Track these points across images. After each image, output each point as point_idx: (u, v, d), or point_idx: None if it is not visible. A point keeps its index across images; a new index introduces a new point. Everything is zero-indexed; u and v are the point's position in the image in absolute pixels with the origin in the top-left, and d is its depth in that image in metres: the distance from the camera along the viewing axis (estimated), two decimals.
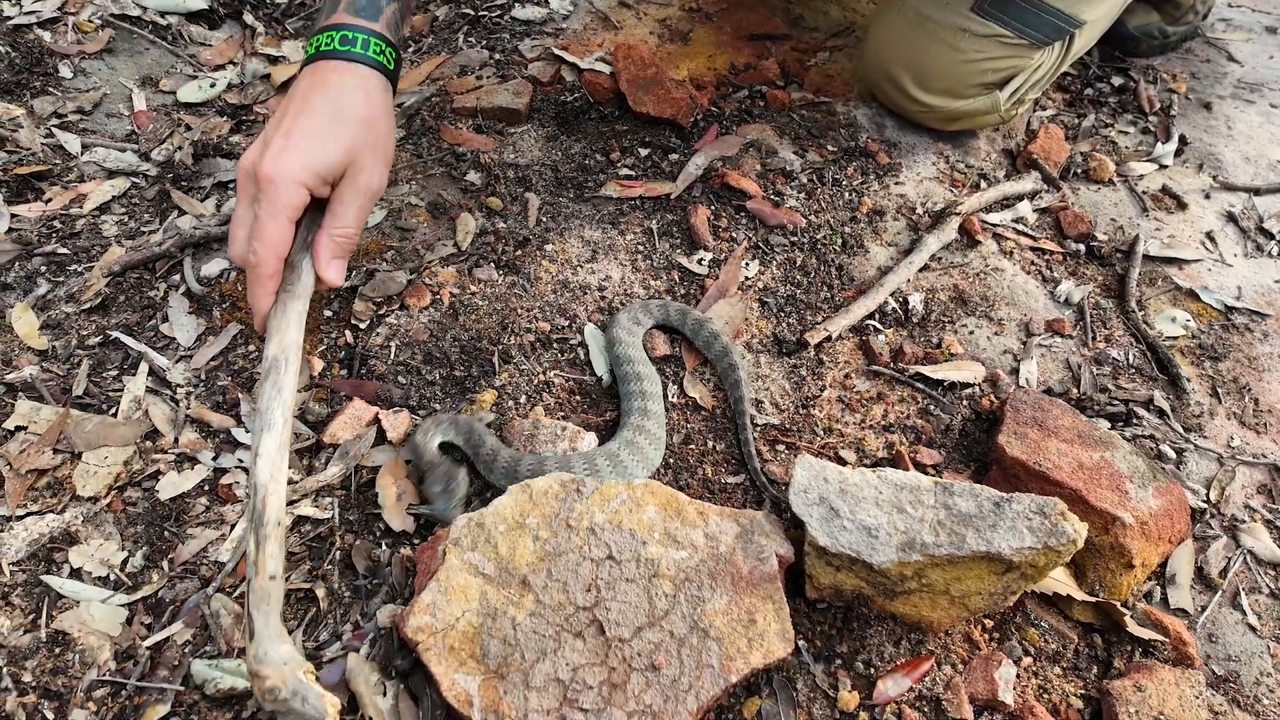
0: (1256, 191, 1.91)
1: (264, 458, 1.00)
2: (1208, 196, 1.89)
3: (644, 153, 1.79)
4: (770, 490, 1.31)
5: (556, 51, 1.98)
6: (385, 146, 1.15)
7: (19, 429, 1.27)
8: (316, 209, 1.12)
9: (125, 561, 1.17)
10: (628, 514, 1.15)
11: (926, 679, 1.14)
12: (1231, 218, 1.85)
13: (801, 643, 1.16)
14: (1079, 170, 1.90)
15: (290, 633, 1.12)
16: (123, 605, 1.13)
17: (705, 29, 2.10)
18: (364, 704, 1.06)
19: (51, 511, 1.21)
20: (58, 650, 1.09)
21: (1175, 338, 1.60)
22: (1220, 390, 1.53)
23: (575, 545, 1.13)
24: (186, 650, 1.11)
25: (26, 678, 1.07)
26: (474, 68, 1.96)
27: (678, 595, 1.11)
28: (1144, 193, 1.87)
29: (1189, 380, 1.52)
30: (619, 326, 1.43)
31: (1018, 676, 1.15)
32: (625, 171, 1.75)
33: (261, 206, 1.04)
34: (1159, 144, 1.99)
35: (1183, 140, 2.01)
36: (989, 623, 1.21)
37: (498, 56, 1.99)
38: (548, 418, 1.35)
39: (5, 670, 1.07)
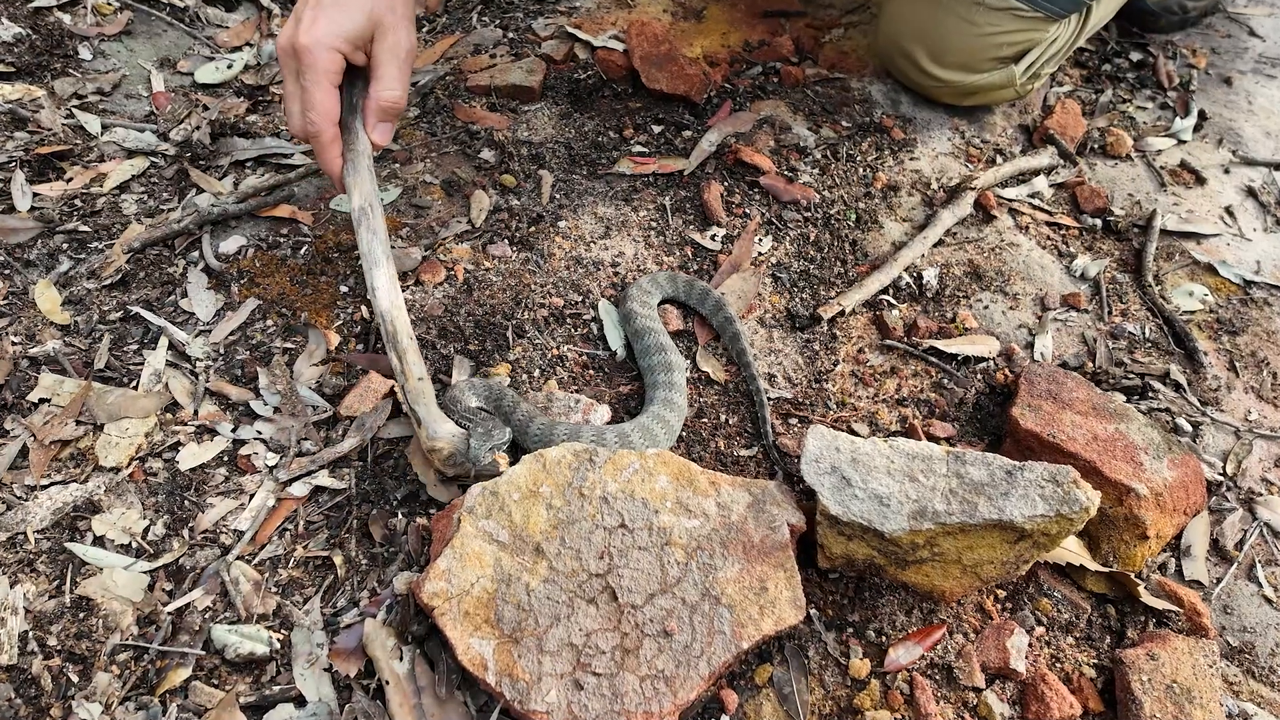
0: (1277, 166, 1.89)
1: (381, 290, 1.17)
2: (1227, 171, 1.87)
3: (657, 129, 1.79)
4: (775, 453, 1.31)
5: (570, 29, 1.98)
6: (404, 6, 1.24)
7: (43, 401, 1.29)
8: (363, 79, 1.23)
9: (147, 530, 1.19)
10: (640, 483, 1.16)
11: (938, 647, 1.14)
12: (1251, 192, 1.83)
13: (813, 611, 1.17)
14: (1096, 145, 1.89)
15: (307, 600, 1.14)
16: (144, 572, 1.15)
17: (719, 6, 2.09)
18: (381, 668, 1.07)
19: (75, 481, 1.23)
20: (82, 615, 1.12)
21: (1192, 312, 1.59)
22: (1238, 364, 1.51)
23: (588, 514, 1.14)
24: (207, 616, 1.13)
25: (52, 642, 1.09)
26: (488, 46, 1.96)
27: (689, 563, 1.11)
28: (1162, 168, 1.86)
29: (1206, 354, 1.51)
30: (634, 300, 1.43)
31: (1030, 645, 1.15)
32: (638, 148, 1.75)
33: (305, 76, 1.17)
34: (1177, 119, 1.97)
35: (1202, 115, 1.98)
36: (1001, 593, 1.21)
37: (511, 35, 1.99)
38: (561, 391, 1.36)
39: (31, 635, 1.09)
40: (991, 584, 1.18)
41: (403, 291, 1.46)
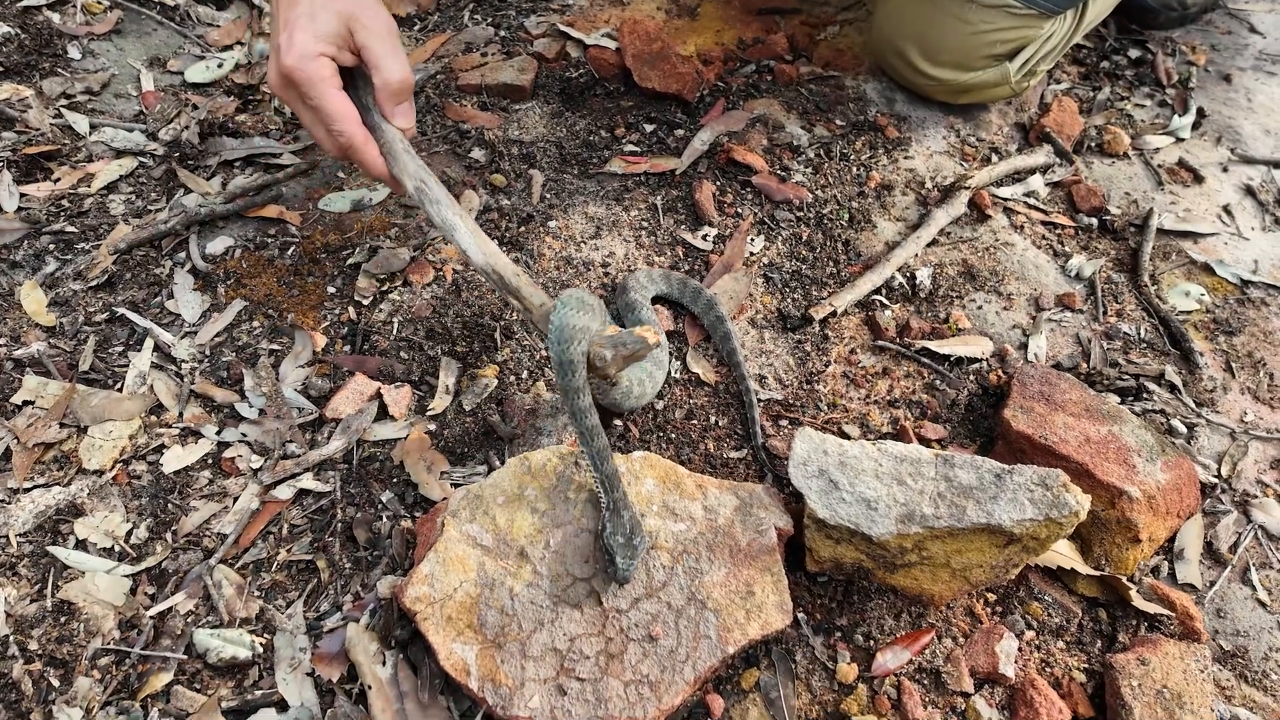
0: (1276, 164, 1.87)
1: (470, 248, 1.17)
2: (1225, 170, 1.86)
3: (649, 128, 1.77)
4: (764, 455, 1.30)
5: (562, 28, 1.97)
6: None
7: (26, 404, 1.29)
8: (363, 77, 1.23)
9: (130, 533, 1.18)
10: (626, 487, 1.15)
11: (926, 652, 1.13)
12: (1250, 191, 1.81)
13: (801, 615, 1.15)
14: (1093, 144, 1.87)
15: (290, 604, 1.13)
16: (127, 576, 1.15)
17: (713, 4, 2.07)
18: (363, 673, 1.06)
19: (58, 484, 1.22)
20: (63, 619, 1.11)
21: (1189, 312, 1.58)
22: (1234, 365, 1.50)
23: (573, 517, 1.13)
24: (189, 620, 1.12)
25: (33, 646, 1.08)
26: (479, 45, 1.95)
27: (675, 567, 1.10)
28: (1159, 166, 1.84)
29: (1202, 355, 1.49)
30: (635, 291, 1.43)
31: (1020, 650, 1.14)
32: (630, 147, 1.74)
33: (308, 96, 1.16)
34: (1176, 117, 1.95)
35: (1200, 113, 1.97)
36: (991, 596, 1.20)
37: (503, 33, 1.98)
38: (549, 393, 1.35)
39: (12, 639, 1.08)
40: (981, 588, 1.17)
41: (390, 293, 1.46)
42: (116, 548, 1.17)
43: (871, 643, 1.14)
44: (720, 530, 1.13)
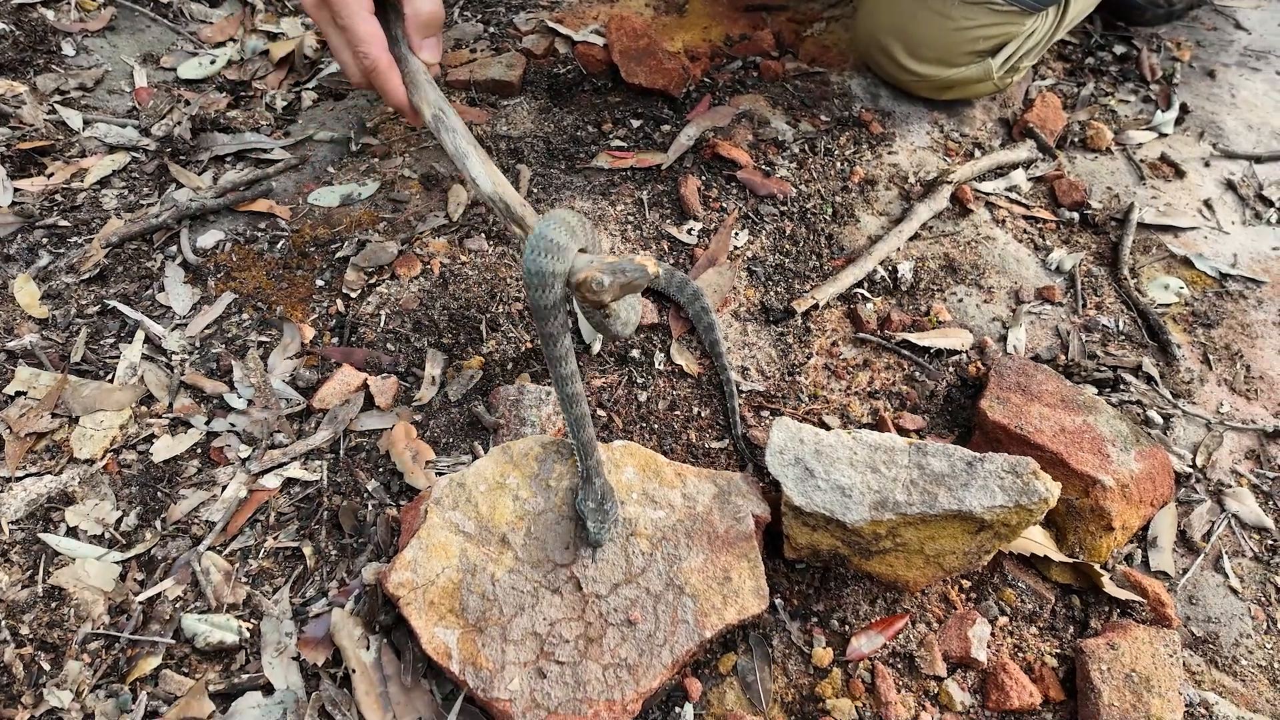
0: (1257, 159, 1.89)
1: (480, 177, 1.19)
2: (1207, 164, 1.87)
3: (636, 124, 1.79)
4: (744, 444, 1.33)
5: (551, 24, 1.98)
6: None
7: (19, 394, 1.31)
8: (394, 10, 1.26)
9: (119, 521, 1.21)
10: (606, 475, 1.17)
11: (900, 636, 1.15)
12: (1231, 185, 1.83)
13: (779, 601, 1.18)
14: (1076, 139, 1.89)
15: (276, 590, 1.16)
16: (116, 562, 1.17)
17: (701, 1, 2.09)
18: (348, 657, 1.08)
19: (49, 473, 1.24)
20: (54, 605, 1.13)
21: (1168, 305, 1.60)
22: (1211, 357, 1.52)
23: (554, 505, 1.15)
24: (177, 605, 1.14)
25: (24, 630, 1.11)
26: (468, 41, 1.97)
27: (654, 553, 1.12)
28: (1142, 161, 1.86)
29: (1179, 347, 1.51)
30: None
31: (993, 635, 1.16)
32: (617, 143, 1.76)
33: (340, 16, 1.19)
34: (1159, 112, 1.97)
35: (1184, 108, 1.99)
36: (966, 583, 1.22)
37: (492, 29, 2.00)
38: (533, 383, 1.37)
39: (4, 623, 1.11)
40: (955, 574, 1.19)
41: (377, 286, 1.48)
42: (106, 535, 1.19)
43: (847, 628, 1.16)
44: (699, 517, 1.15)
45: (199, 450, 1.28)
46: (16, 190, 1.58)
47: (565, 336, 1.09)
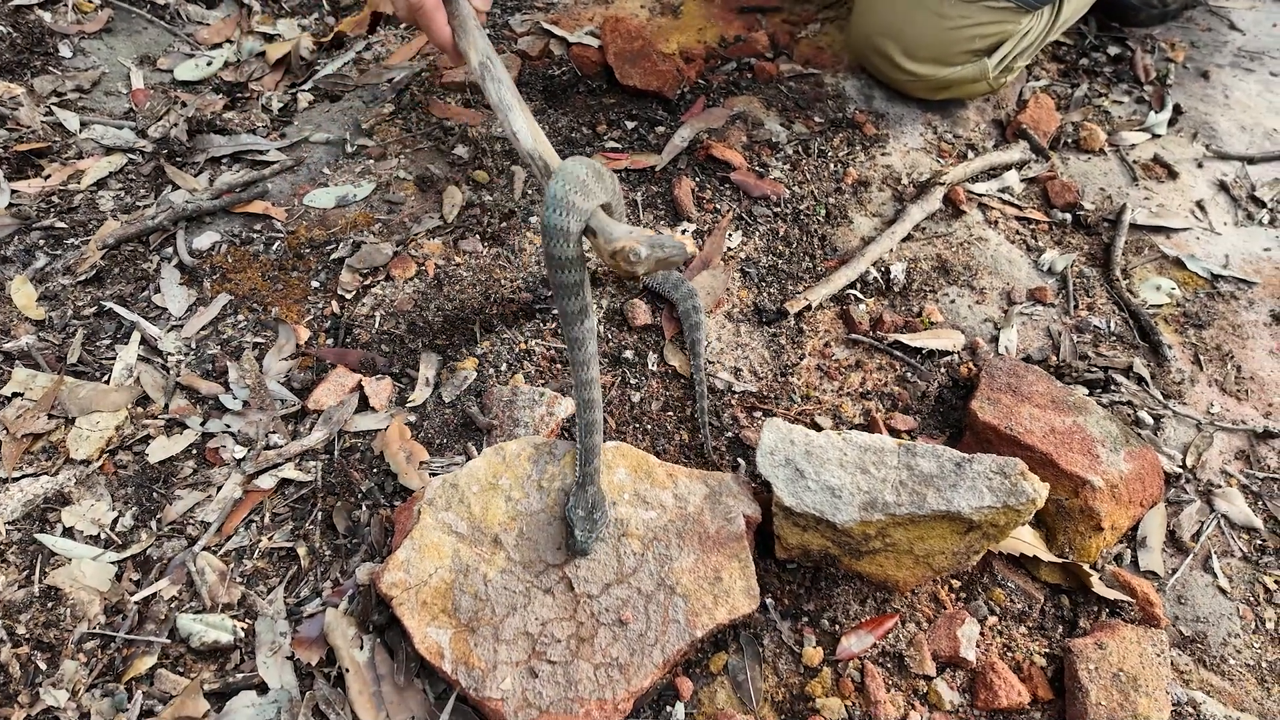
0: (1250, 160, 1.89)
1: (521, 132, 1.21)
2: (1200, 165, 1.88)
3: (630, 125, 1.80)
4: (709, 445, 1.33)
5: (546, 26, 1.99)
6: None
7: (15, 395, 1.32)
8: None
9: (115, 521, 1.22)
10: (601, 484, 1.18)
11: (890, 636, 1.16)
12: (1223, 186, 1.84)
13: (770, 601, 1.18)
14: (1069, 140, 1.90)
15: (271, 590, 1.16)
16: (112, 562, 1.18)
17: (696, 2, 2.10)
18: (342, 656, 1.09)
19: (46, 474, 1.25)
20: (50, 605, 1.14)
21: (1159, 306, 1.60)
22: (1202, 357, 1.53)
23: (546, 505, 1.16)
24: (173, 605, 1.15)
25: (20, 630, 1.11)
26: None
27: (646, 554, 1.13)
28: (1135, 162, 1.86)
29: (1170, 347, 1.52)
30: None
31: (982, 635, 1.17)
32: (611, 144, 1.76)
33: None
34: (1153, 113, 1.98)
35: (1177, 109, 1.99)
36: (956, 583, 1.22)
37: (487, 32, 2.01)
38: (527, 385, 1.38)
39: (1, 623, 1.11)
40: (944, 574, 1.20)
41: (372, 287, 1.49)
42: (102, 535, 1.20)
43: (837, 627, 1.17)
44: (690, 518, 1.16)
45: (194, 451, 1.29)
46: (14, 192, 1.59)
47: (588, 318, 1.10)
